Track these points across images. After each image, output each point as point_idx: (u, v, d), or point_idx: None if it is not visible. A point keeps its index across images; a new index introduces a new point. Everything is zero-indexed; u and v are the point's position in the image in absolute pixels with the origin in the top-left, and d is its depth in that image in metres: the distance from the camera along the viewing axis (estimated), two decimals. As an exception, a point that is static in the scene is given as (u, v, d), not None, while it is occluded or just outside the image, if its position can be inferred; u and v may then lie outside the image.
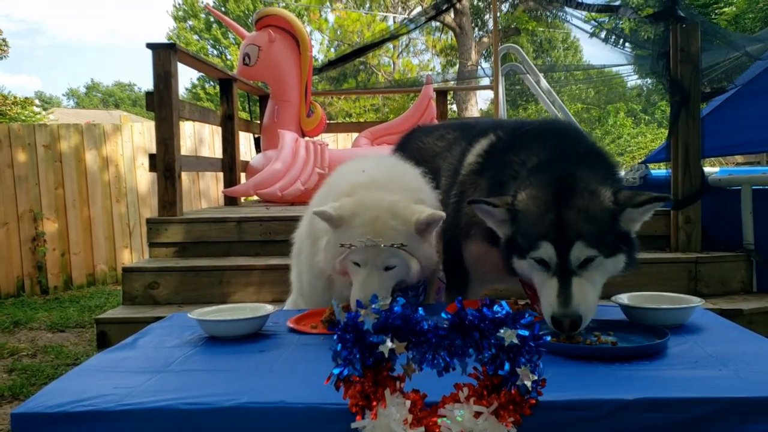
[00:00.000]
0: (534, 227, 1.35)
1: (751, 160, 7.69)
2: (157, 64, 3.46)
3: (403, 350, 0.88)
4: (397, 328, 0.88)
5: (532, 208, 1.37)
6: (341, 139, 8.69)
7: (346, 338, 0.88)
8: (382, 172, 1.70)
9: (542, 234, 1.33)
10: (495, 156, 1.68)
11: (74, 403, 1.05)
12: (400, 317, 0.88)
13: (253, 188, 4.41)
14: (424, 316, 0.89)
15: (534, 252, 1.34)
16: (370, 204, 1.55)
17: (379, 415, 0.87)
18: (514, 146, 1.61)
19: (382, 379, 0.89)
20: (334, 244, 1.57)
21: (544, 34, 19.95)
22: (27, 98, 9.72)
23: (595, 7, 3.96)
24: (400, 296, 0.95)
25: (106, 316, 2.92)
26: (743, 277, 3.09)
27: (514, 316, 0.87)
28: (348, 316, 0.89)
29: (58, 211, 6.45)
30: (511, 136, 1.69)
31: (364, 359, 0.88)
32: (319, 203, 1.72)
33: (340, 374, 0.88)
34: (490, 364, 0.87)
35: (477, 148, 1.75)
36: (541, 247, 1.33)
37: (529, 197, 1.39)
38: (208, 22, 21.80)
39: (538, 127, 1.71)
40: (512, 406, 0.86)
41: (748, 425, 0.99)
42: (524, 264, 1.38)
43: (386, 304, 0.88)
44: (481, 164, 1.72)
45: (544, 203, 1.37)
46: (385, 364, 0.90)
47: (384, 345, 0.87)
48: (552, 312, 1.30)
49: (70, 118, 13.81)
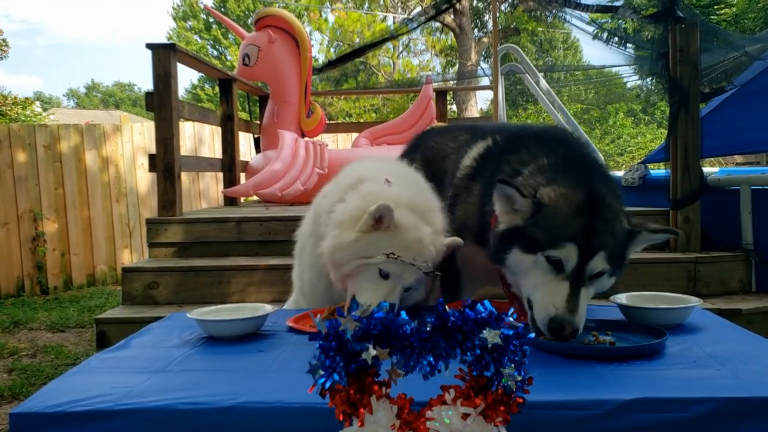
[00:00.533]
0: (562, 227, 1.30)
1: (751, 161, 7.70)
2: (157, 65, 3.46)
3: (386, 356, 0.87)
4: (379, 334, 0.86)
5: (562, 207, 1.33)
6: (341, 140, 8.69)
7: (328, 347, 0.87)
8: (416, 198, 1.66)
9: (570, 235, 1.28)
10: (489, 160, 1.67)
11: (73, 403, 1.05)
12: (381, 323, 0.86)
13: (253, 188, 4.41)
14: (406, 320, 0.88)
15: (553, 251, 1.28)
16: (418, 225, 1.55)
17: (367, 422, 0.87)
18: (512, 149, 1.60)
19: (367, 386, 0.88)
20: (366, 243, 1.51)
21: (544, 34, 19.95)
22: (27, 98, 9.72)
23: (594, 8, 3.97)
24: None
25: (106, 316, 2.92)
26: (742, 277, 3.09)
27: (497, 316, 0.87)
28: (328, 325, 0.88)
29: (58, 211, 6.45)
30: (508, 140, 1.68)
31: (348, 367, 0.87)
32: (326, 203, 1.70)
33: (324, 384, 0.88)
34: (475, 366, 0.87)
35: (473, 152, 1.75)
36: (564, 247, 1.28)
37: (558, 195, 1.34)
38: (208, 23, 21.80)
39: (539, 132, 1.70)
40: (501, 406, 0.86)
41: (746, 425, 0.99)
42: (527, 259, 1.32)
43: (367, 311, 0.87)
44: (475, 168, 1.72)
45: (575, 205, 1.33)
46: (370, 371, 0.88)
47: (367, 352, 0.85)
48: (555, 315, 1.25)
49: (70, 118, 13.81)
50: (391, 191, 1.61)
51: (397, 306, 1.51)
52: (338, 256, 1.55)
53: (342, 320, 0.87)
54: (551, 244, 1.29)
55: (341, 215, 1.59)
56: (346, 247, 1.53)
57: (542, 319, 1.28)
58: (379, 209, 1.48)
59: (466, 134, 1.97)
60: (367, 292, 1.50)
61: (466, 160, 1.76)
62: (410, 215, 1.55)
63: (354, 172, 1.76)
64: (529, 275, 1.33)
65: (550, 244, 1.29)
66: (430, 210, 1.66)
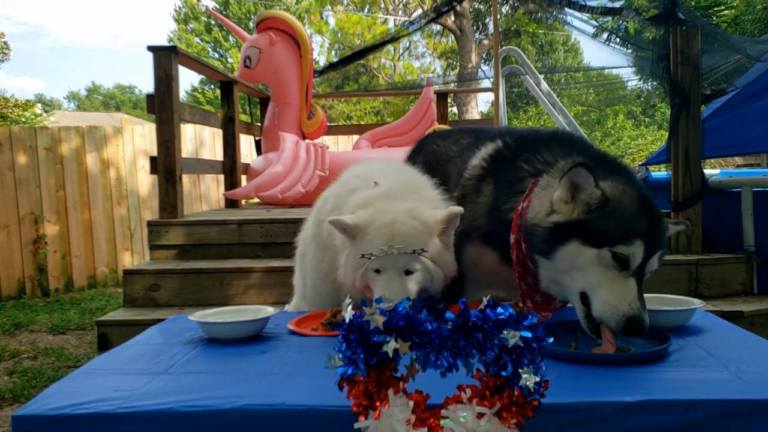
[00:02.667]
0: (632, 222, 1.29)
1: (751, 162, 7.70)
2: (158, 67, 3.47)
3: (407, 350, 0.89)
4: (401, 328, 0.88)
5: (627, 203, 1.32)
6: (342, 142, 8.70)
7: (351, 338, 0.88)
8: (396, 183, 1.67)
9: (640, 232, 1.28)
10: (502, 161, 1.66)
11: (75, 406, 1.05)
12: (404, 317, 0.88)
13: (254, 191, 4.41)
14: (428, 317, 0.89)
15: (623, 246, 1.27)
16: (386, 210, 1.54)
17: (383, 416, 0.87)
18: (530, 149, 1.59)
19: (385, 380, 0.89)
20: (353, 257, 1.54)
21: (545, 36, 19.97)
22: (28, 101, 9.72)
23: (596, 9, 3.97)
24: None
25: (107, 319, 2.92)
26: (744, 279, 3.09)
27: (517, 317, 0.87)
28: (353, 316, 0.89)
29: (59, 213, 6.45)
30: (522, 141, 1.67)
31: (368, 359, 0.88)
32: (325, 211, 1.71)
33: (344, 373, 0.88)
34: (493, 366, 0.87)
35: (482, 153, 1.74)
36: (634, 243, 1.27)
37: (621, 191, 1.33)
38: (209, 25, 21.84)
39: (554, 134, 1.69)
40: (515, 408, 0.86)
41: (750, 427, 0.99)
42: (588, 253, 1.28)
43: (391, 306, 0.88)
44: (486, 169, 1.71)
45: (638, 203, 1.33)
46: (389, 364, 0.90)
47: (388, 345, 0.87)
48: (632, 313, 1.24)
49: (71, 120, 13.83)
50: (377, 192, 1.63)
51: (411, 293, 1.50)
52: (343, 279, 1.60)
53: (366, 311, 0.88)
54: (621, 240, 1.27)
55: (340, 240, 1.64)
56: (345, 267, 1.59)
57: (617, 318, 1.25)
58: (332, 222, 1.54)
59: (470, 137, 1.97)
60: (378, 293, 1.51)
61: (475, 160, 1.75)
62: (389, 204, 1.55)
63: (349, 179, 1.79)
64: (588, 271, 1.30)
65: (620, 239, 1.28)
66: (420, 186, 1.68)
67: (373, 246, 1.49)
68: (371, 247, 1.50)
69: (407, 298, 0.95)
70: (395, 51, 17.75)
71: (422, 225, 1.53)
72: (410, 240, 1.50)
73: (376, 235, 1.50)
